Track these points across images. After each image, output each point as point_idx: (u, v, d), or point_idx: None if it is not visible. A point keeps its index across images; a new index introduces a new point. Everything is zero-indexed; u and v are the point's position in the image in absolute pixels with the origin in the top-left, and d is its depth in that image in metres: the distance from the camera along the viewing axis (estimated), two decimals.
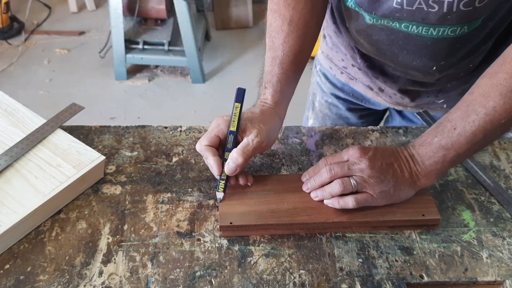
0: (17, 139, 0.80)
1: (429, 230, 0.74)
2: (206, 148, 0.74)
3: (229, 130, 0.74)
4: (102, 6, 3.29)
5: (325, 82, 1.14)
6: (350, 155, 0.74)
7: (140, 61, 2.66)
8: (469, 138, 0.69)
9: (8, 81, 2.67)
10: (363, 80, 1.04)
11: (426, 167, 0.72)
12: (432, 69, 0.85)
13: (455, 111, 0.72)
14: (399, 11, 0.74)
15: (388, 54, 0.86)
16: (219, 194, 0.74)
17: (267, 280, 0.67)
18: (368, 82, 1.04)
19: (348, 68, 1.06)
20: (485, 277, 0.69)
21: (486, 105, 0.68)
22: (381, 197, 0.72)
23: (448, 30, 0.75)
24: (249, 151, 0.73)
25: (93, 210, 0.75)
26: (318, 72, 1.16)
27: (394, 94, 1.01)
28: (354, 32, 0.89)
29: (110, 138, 0.87)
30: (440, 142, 0.71)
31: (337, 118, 1.17)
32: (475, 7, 0.70)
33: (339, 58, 1.06)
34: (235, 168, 0.73)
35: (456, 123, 0.70)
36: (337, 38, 1.03)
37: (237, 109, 0.74)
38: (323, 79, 1.15)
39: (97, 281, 0.66)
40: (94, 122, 0.91)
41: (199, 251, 0.70)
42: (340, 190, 0.72)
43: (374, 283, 0.67)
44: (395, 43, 0.82)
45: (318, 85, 1.18)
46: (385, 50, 0.85)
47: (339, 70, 1.08)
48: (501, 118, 0.68)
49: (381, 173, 0.71)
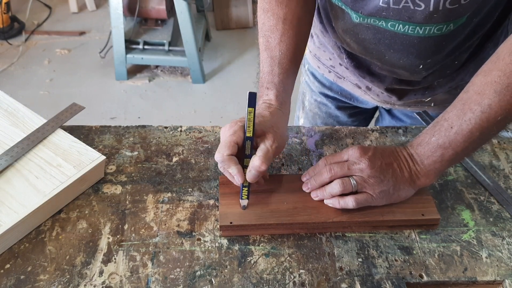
0: (18, 139, 0.81)
1: (428, 230, 0.74)
2: (229, 158, 0.71)
3: (246, 136, 0.73)
4: (103, 6, 3.29)
5: (313, 81, 1.14)
6: (350, 155, 0.74)
7: (141, 61, 2.66)
8: (466, 136, 0.70)
9: (8, 81, 2.67)
10: (351, 79, 1.05)
11: (425, 167, 0.72)
12: (419, 67, 0.85)
13: (451, 110, 0.72)
14: (385, 10, 0.74)
15: (374, 53, 0.86)
16: (243, 201, 0.73)
17: (267, 280, 0.67)
18: (355, 80, 1.04)
19: (336, 67, 1.06)
20: (485, 277, 0.69)
21: (481, 103, 0.68)
22: (381, 197, 0.72)
23: (434, 28, 0.75)
24: (270, 158, 0.72)
25: (94, 210, 0.75)
26: (307, 71, 1.16)
27: (381, 92, 1.01)
28: (340, 31, 0.89)
29: (110, 138, 0.87)
30: (437, 141, 0.71)
31: (327, 117, 1.17)
32: (460, 4, 0.70)
33: (327, 57, 1.06)
34: (258, 176, 0.72)
35: (452, 122, 0.70)
36: (324, 37, 1.03)
37: (251, 114, 0.72)
38: (311, 78, 1.15)
39: (97, 281, 0.66)
40: (95, 122, 0.91)
41: (199, 250, 0.71)
42: (340, 190, 0.72)
43: (374, 282, 0.68)
44: (382, 42, 0.81)
45: (307, 84, 1.18)
46: (371, 49, 0.85)
47: (327, 69, 1.08)
48: (497, 116, 0.68)
49: (381, 172, 0.71)
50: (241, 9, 3.10)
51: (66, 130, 0.83)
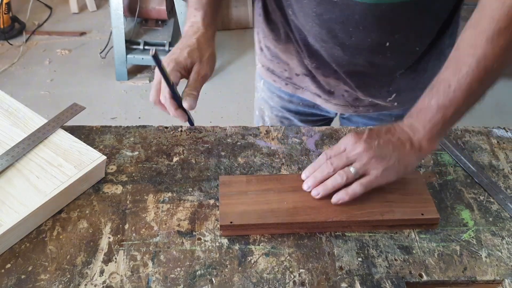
0: (18, 139, 0.81)
1: (428, 230, 0.75)
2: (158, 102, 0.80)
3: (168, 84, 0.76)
4: (103, 6, 3.29)
5: (271, 96, 1.11)
6: (346, 143, 0.74)
7: (141, 61, 2.66)
8: (466, 91, 0.69)
9: (9, 81, 2.67)
10: (310, 88, 1.02)
11: (427, 132, 0.72)
12: (385, 45, 0.85)
13: (445, 70, 0.72)
14: None
15: (340, 35, 0.84)
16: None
17: (267, 279, 0.67)
18: (315, 89, 1.01)
19: (293, 78, 1.03)
20: (484, 276, 0.69)
21: (475, 54, 0.68)
22: (387, 174, 0.72)
23: None
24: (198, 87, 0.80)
25: (94, 210, 0.75)
26: (262, 87, 1.13)
27: (345, 91, 0.99)
28: (301, 19, 0.87)
29: (111, 138, 0.87)
30: (437, 102, 0.71)
31: None
32: None
33: (282, 69, 1.03)
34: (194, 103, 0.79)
35: (449, 80, 0.70)
36: (277, 47, 1.00)
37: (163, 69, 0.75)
38: (268, 94, 1.12)
39: (98, 280, 0.66)
40: (95, 122, 0.92)
41: (200, 250, 0.71)
42: (342, 181, 0.71)
43: (374, 282, 0.68)
44: (351, 19, 0.80)
45: (265, 101, 1.14)
46: (337, 31, 0.84)
47: (283, 82, 1.05)
48: (492, 63, 0.68)
49: (381, 151, 0.71)
50: (241, 9, 3.10)
51: (66, 130, 0.84)
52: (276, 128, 0.92)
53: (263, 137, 0.89)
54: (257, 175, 0.81)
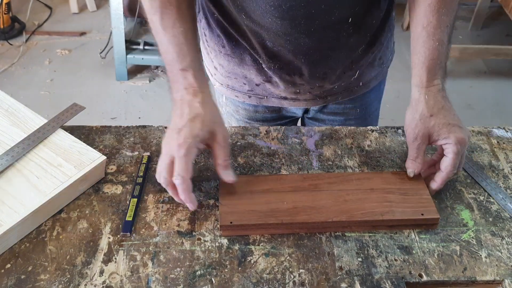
0: (18, 139, 0.81)
1: (428, 230, 0.75)
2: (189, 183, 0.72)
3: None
4: (103, 6, 3.29)
5: (236, 109, 1.09)
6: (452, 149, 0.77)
7: (141, 61, 2.66)
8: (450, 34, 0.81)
9: (9, 81, 2.67)
10: (275, 93, 1.00)
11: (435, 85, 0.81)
12: (348, 22, 0.86)
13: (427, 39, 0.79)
14: None
15: (303, 22, 0.83)
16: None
17: (267, 279, 0.67)
18: (280, 92, 1.00)
19: (254, 89, 1.01)
20: (484, 277, 0.69)
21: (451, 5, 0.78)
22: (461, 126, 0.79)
23: None
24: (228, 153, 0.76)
25: (94, 210, 0.75)
26: (226, 102, 1.10)
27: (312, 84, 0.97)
28: (258, 18, 0.84)
29: (111, 138, 0.87)
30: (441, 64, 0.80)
31: None
32: None
33: (241, 83, 1.01)
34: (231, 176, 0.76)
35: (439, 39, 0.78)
36: (231, 61, 0.98)
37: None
38: (233, 107, 1.09)
39: (98, 280, 0.66)
40: (95, 122, 0.92)
41: (200, 250, 0.71)
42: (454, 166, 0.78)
43: (374, 282, 0.68)
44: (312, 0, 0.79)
45: (230, 115, 1.12)
46: (300, 18, 0.82)
47: (246, 95, 1.03)
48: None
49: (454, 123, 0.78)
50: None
51: (66, 130, 0.84)
52: (276, 128, 0.92)
53: (263, 137, 0.90)
54: (257, 175, 0.81)
